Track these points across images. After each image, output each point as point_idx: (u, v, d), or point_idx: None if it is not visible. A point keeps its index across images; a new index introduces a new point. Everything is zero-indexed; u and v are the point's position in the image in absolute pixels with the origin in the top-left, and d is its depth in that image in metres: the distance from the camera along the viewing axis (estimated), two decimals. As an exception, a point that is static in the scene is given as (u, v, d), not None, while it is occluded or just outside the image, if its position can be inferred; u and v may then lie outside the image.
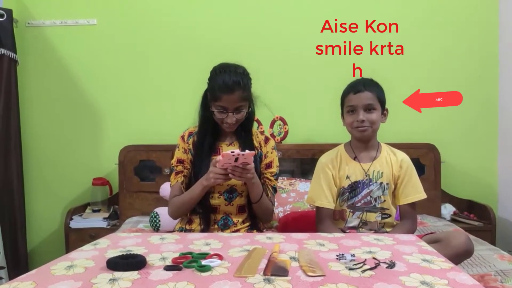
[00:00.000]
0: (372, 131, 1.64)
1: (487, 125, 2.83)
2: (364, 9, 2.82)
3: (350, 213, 1.66)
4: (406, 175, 1.66)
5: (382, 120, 1.66)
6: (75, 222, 2.56)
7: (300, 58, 2.83)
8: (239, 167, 1.44)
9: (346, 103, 1.66)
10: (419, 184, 1.68)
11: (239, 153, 1.38)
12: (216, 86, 1.56)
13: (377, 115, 1.62)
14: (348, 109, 1.65)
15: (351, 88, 1.66)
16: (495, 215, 2.52)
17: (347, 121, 1.67)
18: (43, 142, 2.87)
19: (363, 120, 1.60)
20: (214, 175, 1.46)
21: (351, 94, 1.64)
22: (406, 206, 1.66)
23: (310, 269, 0.96)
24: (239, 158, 1.39)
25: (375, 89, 1.64)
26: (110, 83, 2.87)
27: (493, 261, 1.76)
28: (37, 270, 1.00)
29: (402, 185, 1.66)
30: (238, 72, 1.57)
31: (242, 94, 1.56)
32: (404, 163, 1.67)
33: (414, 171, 1.69)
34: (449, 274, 0.95)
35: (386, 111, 1.69)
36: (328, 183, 1.67)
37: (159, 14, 2.84)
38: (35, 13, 2.84)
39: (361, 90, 1.62)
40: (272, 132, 2.72)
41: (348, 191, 1.67)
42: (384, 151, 1.70)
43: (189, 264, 1.00)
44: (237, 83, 1.54)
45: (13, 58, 2.64)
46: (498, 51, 2.80)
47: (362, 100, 1.61)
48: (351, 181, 1.66)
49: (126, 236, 1.33)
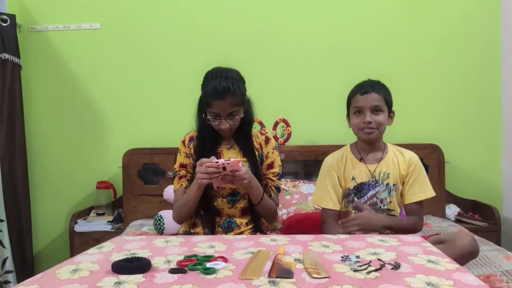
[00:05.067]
0: (378, 133, 1.62)
1: (491, 125, 2.82)
2: (367, 10, 2.82)
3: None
4: (413, 174, 1.65)
5: (388, 122, 1.65)
6: (80, 226, 2.57)
7: (303, 59, 2.83)
8: (229, 175, 1.44)
9: (353, 104, 1.65)
10: (426, 182, 1.65)
11: (223, 162, 1.39)
12: (207, 92, 1.55)
13: (384, 117, 1.61)
14: (354, 110, 1.64)
15: (359, 89, 1.64)
16: (500, 215, 2.51)
17: (353, 122, 1.65)
18: (47, 146, 2.88)
19: (370, 122, 1.59)
20: (200, 175, 1.45)
21: (358, 95, 1.62)
22: (412, 204, 1.65)
23: (315, 271, 0.96)
24: (226, 166, 1.40)
25: (382, 91, 1.62)
26: (113, 87, 2.88)
27: (498, 262, 1.75)
28: (42, 274, 1.00)
29: (409, 183, 1.65)
30: (229, 77, 1.54)
31: (233, 100, 1.54)
32: (412, 162, 1.66)
33: (423, 170, 1.66)
34: (454, 275, 0.94)
35: (393, 113, 1.68)
36: (333, 184, 1.67)
37: (161, 17, 2.85)
38: (38, 18, 2.85)
39: (368, 91, 1.60)
40: (275, 134, 2.72)
41: (354, 193, 1.66)
42: (391, 151, 1.69)
43: (194, 267, 1.00)
44: (227, 89, 1.51)
45: (17, 63, 2.65)
46: (501, 52, 2.79)
47: (369, 101, 1.60)
48: (356, 182, 1.66)
49: (131, 239, 1.33)
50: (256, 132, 1.75)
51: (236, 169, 1.43)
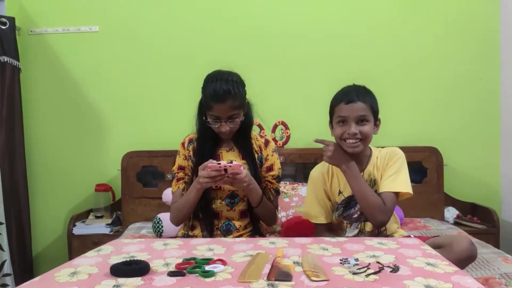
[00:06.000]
0: (364, 146, 1.53)
1: (490, 128, 2.82)
2: (365, 11, 2.83)
3: (348, 224, 1.63)
4: (386, 167, 1.55)
5: (374, 131, 1.56)
6: (78, 229, 2.56)
7: (302, 62, 2.84)
8: (230, 177, 1.44)
9: (337, 112, 1.55)
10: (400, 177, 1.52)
11: (226, 165, 1.39)
12: (208, 95, 1.55)
13: (369, 127, 1.51)
14: (338, 120, 1.54)
15: (343, 97, 1.54)
16: (498, 218, 2.51)
17: (337, 132, 1.55)
18: (46, 149, 2.88)
19: (355, 133, 1.49)
20: (203, 179, 1.45)
21: (342, 104, 1.52)
22: (383, 193, 1.52)
23: (313, 273, 0.95)
24: (227, 169, 1.41)
25: (368, 99, 1.53)
26: (112, 90, 2.88)
27: (497, 264, 1.75)
28: (41, 277, 1.00)
29: (384, 175, 1.55)
30: (229, 80, 1.55)
31: (234, 103, 1.54)
32: (390, 156, 1.57)
33: (398, 163, 1.54)
34: (453, 277, 0.94)
35: (379, 122, 1.59)
36: (321, 198, 1.63)
37: (161, 20, 2.86)
38: (38, 20, 2.86)
39: (353, 100, 1.50)
40: (274, 137, 2.72)
41: (343, 206, 1.62)
42: (375, 156, 1.60)
43: (193, 270, 0.99)
44: (227, 92, 1.52)
45: (16, 65, 2.65)
46: (500, 54, 2.80)
47: (354, 111, 1.50)
48: (344, 196, 1.60)
49: (129, 242, 1.33)
50: (255, 135, 1.76)
51: (238, 172, 1.43)
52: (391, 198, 1.51)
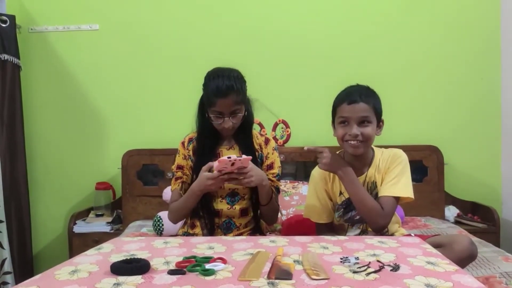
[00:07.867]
0: (365, 147, 1.51)
1: (491, 127, 2.81)
2: (366, 11, 2.82)
3: (349, 226, 1.62)
4: (388, 170, 1.53)
5: (377, 133, 1.53)
6: (79, 227, 2.56)
7: (303, 60, 2.83)
8: (235, 172, 1.44)
9: (339, 113, 1.53)
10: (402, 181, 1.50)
11: (236, 158, 1.38)
12: (210, 91, 1.56)
13: (372, 129, 1.49)
14: (340, 120, 1.52)
15: (345, 97, 1.52)
16: (499, 217, 2.50)
17: (338, 133, 1.53)
18: (47, 147, 2.88)
19: (357, 135, 1.47)
20: (207, 180, 1.46)
21: (344, 104, 1.50)
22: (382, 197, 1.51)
23: (314, 272, 0.95)
24: (235, 163, 1.40)
25: (371, 100, 1.50)
26: (113, 88, 2.88)
27: (497, 263, 1.75)
28: (41, 275, 1.00)
29: (386, 179, 1.53)
30: (231, 76, 1.56)
31: (237, 98, 1.55)
32: (392, 159, 1.54)
33: (400, 168, 1.52)
34: (454, 276, 0.94)
35: (382, 123, 1.56)
36: (322, 198, 1.63)
37: (161, 19, 2.85)
38: (38, 18, 2.85)
39: (356, 101, 1.48)
40: (274, 135, 2.72)
41: (343, 207, 1.61)
42: (377, 158, 1.58)
43: (193, 268, 1.00)
44: (230, 87, 1.53)
45: (17, 64, 2.65)
46: (500, 54, 2.79)
47: (356, 112, 1.48)
48: (344, 197, 1.59)
49: (130, 241, 1.33)
50: (256, 133, 1.76)
51: (244, 166, 1.43)
52: (391, 202, 1.49)
